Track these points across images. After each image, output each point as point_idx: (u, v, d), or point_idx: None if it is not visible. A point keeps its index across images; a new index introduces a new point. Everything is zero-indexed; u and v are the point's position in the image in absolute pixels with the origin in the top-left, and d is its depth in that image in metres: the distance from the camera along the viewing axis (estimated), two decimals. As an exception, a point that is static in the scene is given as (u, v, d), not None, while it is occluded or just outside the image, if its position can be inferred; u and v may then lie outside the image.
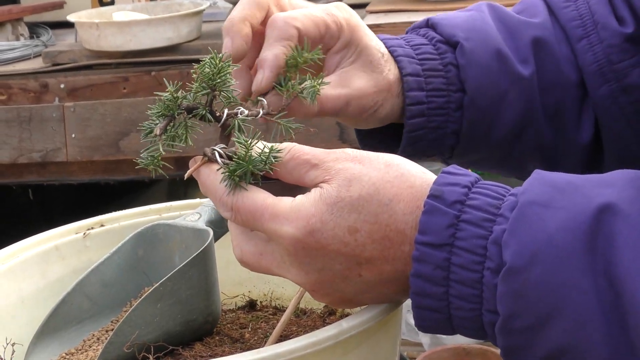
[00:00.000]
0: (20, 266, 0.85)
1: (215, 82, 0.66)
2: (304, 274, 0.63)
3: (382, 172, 0.61)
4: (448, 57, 0.78)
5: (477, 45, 0.78)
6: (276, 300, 0.93)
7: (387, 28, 1.68)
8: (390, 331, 0.73)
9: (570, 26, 0.81)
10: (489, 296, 0.58)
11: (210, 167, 0.66)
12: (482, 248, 0.58)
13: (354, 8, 2.23)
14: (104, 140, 1.75)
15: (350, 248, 0.61)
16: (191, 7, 1.88)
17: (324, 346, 0.63)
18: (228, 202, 0.64)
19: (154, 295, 0.76)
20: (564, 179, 0.59)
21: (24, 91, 1.81)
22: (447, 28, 0.79)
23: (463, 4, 1.78)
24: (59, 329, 0.81)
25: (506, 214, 0.58)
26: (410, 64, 0.77)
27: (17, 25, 2.03)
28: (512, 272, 0.56)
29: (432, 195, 0.60)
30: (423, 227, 0.59)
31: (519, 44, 0.80)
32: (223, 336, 0.83)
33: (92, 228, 0.90)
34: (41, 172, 1.81)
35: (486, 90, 0.78)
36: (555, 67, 0.80)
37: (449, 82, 0.78)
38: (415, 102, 0.77)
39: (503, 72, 0.78)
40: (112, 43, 1.77)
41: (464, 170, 0.62)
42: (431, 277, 0.59)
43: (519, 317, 0.57)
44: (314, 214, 0.60)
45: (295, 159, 0.63)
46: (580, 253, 0.55)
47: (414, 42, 0.79)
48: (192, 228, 0.83)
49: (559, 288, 0.55)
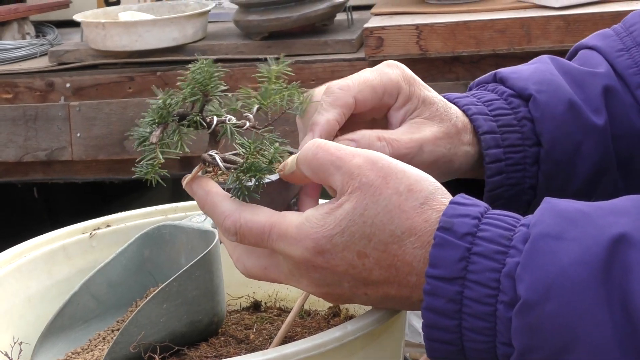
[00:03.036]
0: (27, 266, 0.86)
1: (208, 87, 0.66)
2: (314, 286, 0.64)
3: (402, 198, 0.60)
4: (522, 112, 0.77)
5: (549, 97, 0.77)
6: (281, 301, 0.94)
7: (392, 30, 1.69)
8: (395, 333, 0.73)
9: (627, 74, 0.80)
10: (502, 329, 0.58)
11: (204, 187, 0.66)
12: (495, 281, 0.58)
13: (359, 10, 2.23)
14: (109, 140, 1.75)
15: (357, 271, 0.61)
16: (197, 8, 1.89)
17: (329, 348, 0.64)
18: (231, 228, 0.64)
19: (160, 295, 0.76)
20: (575, 207, 0.59)
21: (29, 90, 1.81)
22: (517, 82, 0.78)
23: (467, 7, 1.79)
24: (65, 328, 0.82)
25: (518, 246, 0.58)
26: (486, 122, 0.76)
27: (23, 24, 2.04)
28: (526, 307, 0.56)
29: (442, 227, 0.59)
30: (434, 260, 0.59)
31: (589, 95, 0.79)
32: (228, 337, 0.83)
33: (99, 228, 0.91)
34: (46, 171, 1.82)
35: (561, 143, 0.77)
36: (625, 116, 0.79)
37: (525, 136, 0.76)
38: (494, 159, 0.75)
39: (577, 124, 0.77)
40: (118, 43, 1.77)
41: (472, 199, 0.62)
42: (443, 311, 0.59)
43: (534, 351, 0.57)
44: (324, 235, 0.61)
45: (318, 159, 0.62)
46: (595, 285, 0.55)
47: (485, 98, 0.78)
48: (198, 229, 0.84)
49: (574, 321, 0.55)
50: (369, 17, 1.83)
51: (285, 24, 1.76)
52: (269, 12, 1.77)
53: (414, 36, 1.68)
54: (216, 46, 1.79)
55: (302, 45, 1.77)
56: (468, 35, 1.67)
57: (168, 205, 0.94)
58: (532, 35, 1.65)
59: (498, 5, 1.78)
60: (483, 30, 1.67)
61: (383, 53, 1.69)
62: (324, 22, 1.82)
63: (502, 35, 1.66)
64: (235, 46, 1.79)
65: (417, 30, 1.69)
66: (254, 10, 1.77)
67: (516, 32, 1.66)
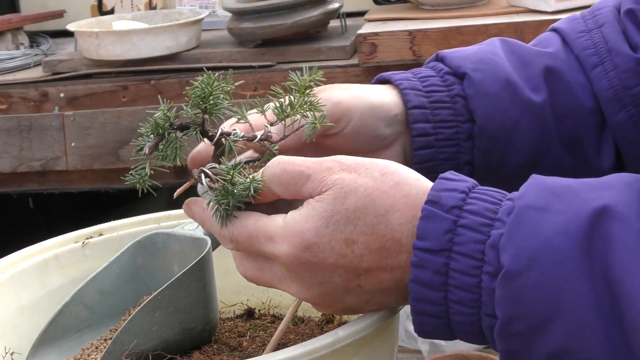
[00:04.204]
0: (19, 275, 0.86)
1: (207, 104, 0.66)
2: (305, 289, 0.63)
3: (378, 181, 0.62)
4: (455, 89, 0.78)
5: (485, 76, 0.78)
6: (274, 308, 0.94)
7: (385, 36, 1.69)
8: (387, 339, 0.73)
9: (584, 55, 0.81)
10: (487, 300, 0.58)
11: (200, 205, 0.68)
12: (480, 253, 0.58)
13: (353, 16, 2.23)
14: (103, 149, 1.75)
15: (347, 260, 0.61)
16: (190, 16, 1.89)
17: (320, 354, 0.63)
18: (227, 236, 0.66)
19: (152, 304, 0.76)
20: (561, 183, 0.60)
21: (24, 100, 1.81)
22: (454, 60, 0.80)
23: (460, 12, 1.79)
24: (58, 338, 0.82)
25: (503, 218, 0.59)
26: (417, 97, 0.77)
27: (17, 35, 2.04)
28: (509, 277, 0.57)
29: (429, 201, 0.60)
30: (421, 232, 0.60)
31: (530, 73, 0.80)
32: (221, 344, 0.83)
33: (91, 237, 0.91)
34: (41, 181, 1.81)
35: (496, 119, 0.78)
36: (569, 95, 0.80)
37: (457, 113, 0.78)
38: (421, 133, 0.77)
39: (513, 101, 0.78)
40: (111, 52, 1.77)
41: (460, 175, 0.62)
42: (430, 283, 0.59)
43: (517, 320, 0.57)
44: (308, 229, 0.61)
45: (287, 173, 0.63)
46: (577, 256, 0.56)
47: (421, 74, 0.80)
48: (190, 237, 0.84)
49: (557, 291, 0.56)
50: (362, 23, 1.83)
51: (279, 31, 1.76)
52: (263, 19, 1.77)
53: (407, 42, 1.69)
54: (210, 54, 1.79)
55: (295, 52, 1.77)
56: (461, 40, 1.67)
57: (161, 213, 0.94)
58: (525, 39, 1.64)
59: (491, 10, 1.79)
60: (476, 35, 1.67)
61: (377, 59, 1.69)
62: (318, 29, 1.82)
63: (496, 40, 1.66)
64: (229, 54, 1.79)
65: (410, 36, 1.69)
66: (247, 17, 1.78)
67: (509, 37, 1.66)
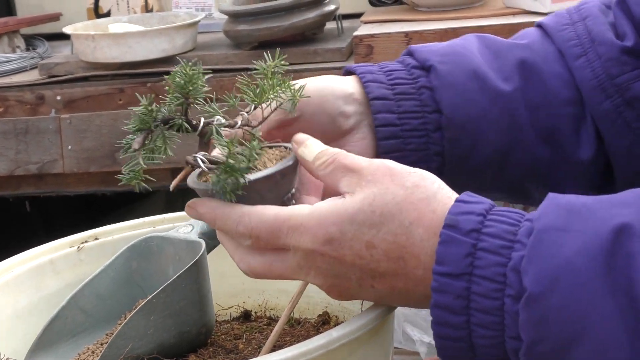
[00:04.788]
0: (14, 280, 0.85)
1: (188, 90, 0.66)
2: (321, 277, 0.64)
3: (408, 192, 0.62)
4: (421, 81, 0.78)
5: (452, 68, 0.78)
6: (270, 310, 0.94)
7: (381, 38, 1.69)
8: (382, 339, 0.73)
9: (567, 46, 0.81)
10: (510, 323, 0.58)
11: (207, 204, 0.66)
12: (501, 275, 0.58)
13: (349, 18, 2.23)
14: (100, 152, 1.75)
15: (365, 262, 0.62)
16: (186, 19, 1.89)
17: (314, 356, 0.63)
18: (245, 232, 0.65)
19: (147, 307, 0.76)
20: (579, 201, 0.60)
21: (20, 103, 1.81)
22: (422, 54, 0.80)
23: (456, 14, 1.79)
24: (54, 342, 0.82)
25: (523, 240, 0.58)
26: (378, 89, 0.77)
27: (14, 38, 2.04)
28: (532, 299, 0.56)
29: (447, 225, 0.60)
30: (440, 257, 0.59)
31: (502, 65, 0.80)
32: (217, 347, 0.83)
33: (86, 241, 0.91)
34: (38, 184, 1.81)
35: (463, 110, 0.78)
36: (544, 86, 0.80)
37: (423, 104, 0.77)
38: (384, 123, 0.77)
39: (481, 91, 0.78)
40: (107, 55, 1.77)
41: (477, 197, 0.62)
42: (451, 307, 0.59)
43: (541, 343, 0.57)
44: (334, 223, 0.62)
45: (335, 163, 0.65)
46: (599, 275, 0.56)
47: (387, 68, 0.80)
48: (185, 240, 0.84)
49: (580, 312, 0.56)
50: (358, 25, 1.83)
51: (275, 33, 1.76)
52: (259, 21, 1.77)
53: (404, 43, 1.69)
54: (206, 56, 1.79)
55: (292, 54, 1.77)
56: (457, 41, 1.67)
57: (156, 217, 0.94)
58: (521, 40, 1.65)
59: (487, 12, 1.79)
60: (472, 36, 1.67)
61: (373, 61, 1.69)
62: (314, 31, 1.83)
63: (492, 41, 1.66)
64: (225, 56, 1.79)
65: (406, 38, 1.69)
66: (243, 20, 1.78)
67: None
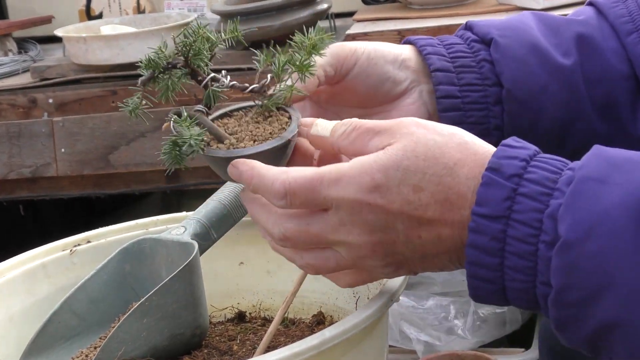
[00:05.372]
0: (6, 285, 0.85)
1: (188, 52, 0.67)
2: (367, 233, 0.62)
3: (447, 137, 0.63)
4: (481, 54, 0.80)
5: (512, 41, 0.80)
6: (265, 311, 0.94)
7: (374, 36, 1.69)
8: (376, 339, 0.73)
9: (619, 22, 0.82)
10: (543, 269, 0.59)
11: (248, 164, 0.65)
12: (537, 221, 0.59)
13: (342, 17, 2.22)
14: (93, 155, 1.74)
15: (413, 207, 0.62)
16: (179, 20, 1.89)
17: (307, 356, 0.63)
18: (281, 190, 0.63)
19: (140, 310, 0.76)
20: (623, 155, 0.60)
21: (12, 107, 1.80)
22: (482, 28, 0.81)
23: (449, 11, 1.79)
24: (47, 347, 0.81)
25: (563, 188, 0.59)
26: (440, 61, 0.79)
27: (5, 41, 2.03)
28: (566, 246, 0.57)
29: (490, 168, 0.61)
30: (480, 198, 0.60)
31: (560, 40, 0.81)
32: (211, 349, 0.83)
33: (79, 245, 0.90)
34: (32, 188, 1.81)
35: (524, 83, 0.79)
36: (601, 60, 0.81)
37: (484, 77, 0.79)
38: (446, 95, 0.78)
39: (541, 65, 0.79)
40: (99, 57, 1.77)
41: (523, 142, 0.63)
42: (487, 248, 0.60)
43: (571, 289, 0.57)
44: (379, 170, 0.61)
45: (357, 129, 0.65)
46: (634, 228, 0.56)
47: (447, 41, 0.81)
48: (177, 242, 0.83)
49: (612, 262, 0.56)
50: (351, 23, 1.82)
51: (268, 33, 1.76)
52: (251, 21, 1.76)
53: (397, 41, 1.67)
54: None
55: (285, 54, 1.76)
56: (450, 38, 1.67)
57: (149, 219, 0.94)
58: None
59: (480, 9, 1.78)
60: (465, 33, 1.67)
61: (366, 59, 1.69)
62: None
63: (484, 38, 1.66)
64: (218, 56, 1.78)
65: (399, 36, 1.68)
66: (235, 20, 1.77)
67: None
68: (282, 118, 0.70)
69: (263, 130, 0.68)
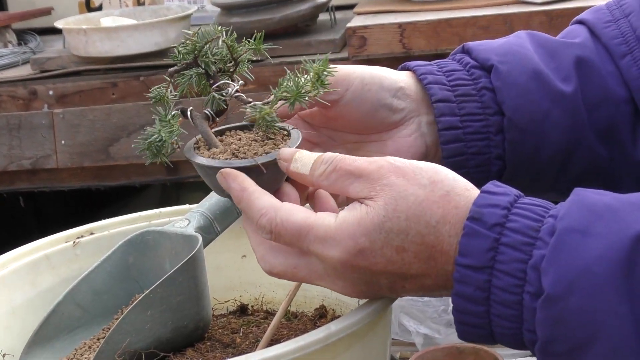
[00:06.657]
0: (10, 276, 0.85)
1: (198, 53, 0.68)
2: (350, 286, 0.65)
3: (427, 190, 0.62)
4: (482, 82, 0.78)
5: (512, 67, 0.78)
6: (267, 304, 0.94)
7: (375, 29, 1.69)
8: (380, 333, 0.73)
9: (612, 44, 0.81)
10: (528, 317, 0.59)
11: (240, 183, 0.66)
12: (521, 272, 0.59)
13: (342, 9, 2.22)
14: (93, 146, 1.75)
15: (397, 266, 0.62)
16: (179, 12, 1.89)
17: (312, 349, 0.63)
18: (267, 226, 0.64)
19: (144, 302, 0.76)
20: (603, 202, 0.60)
21: (12, 99, 1.80)
22: (481, 53, 0.79)
23: (448, 4, 1.79)
24: (51, 338, 0.81)
25: (545, 238, 0.59)
26: (441, 91, 0.77)
27: (5, 33, 2.03)
28: (550, 300, 0.57)
29: (471, 217, 0.60)
30: (463, 249, 0.60)
31: (559, 64, 0.79)
32: (214, 341, 0.83)
33: (82, 236, 0.90)
34: (32, 180, 1.81)
35: (525, 111, 0.77)
36: (601, 84, 0.79)
37: (484, 105, 0.77)
38: (448, 126, 0.76)
39: (542, 92, 0.78)
40: (100, 49, 1.77)
41: (504, 187, 0.62)
42: (472, 297, 0.60)
43: (556, 342, 0.58)
44: (363, 234, 0.62)
45: (337, 171, 0.64)
46: (617, 281, 0.56)
47: (447, 68, 0.79)
48: (181, 234, 0.83)
49: (596, 315, 0.57)
50: (351, 16, 1.83)
51: (268, 26, 1.76)
52: (251, 14, 1.76)
53: (397, 34, 1.68)
54: (199, 50, 1.78)
55: (285, 47, 1.76)
56: (451, 32, 1.67)
57: (152, 211, 0.94)
58: (515, 30, 1.64)
59: (480, 2, 1.78)
60: (466, 27, 1.67)
61: (366, 52, 1.69)
62: (307, 23, 1.82)
63: (485, 32, 1.67)
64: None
65: (400, 29, 1.69)
66: (236, 12, 1.77)
67: (499, 29, 1.66)
68: (284, 138, 0.70)
69: (256, 147, 0.68)
